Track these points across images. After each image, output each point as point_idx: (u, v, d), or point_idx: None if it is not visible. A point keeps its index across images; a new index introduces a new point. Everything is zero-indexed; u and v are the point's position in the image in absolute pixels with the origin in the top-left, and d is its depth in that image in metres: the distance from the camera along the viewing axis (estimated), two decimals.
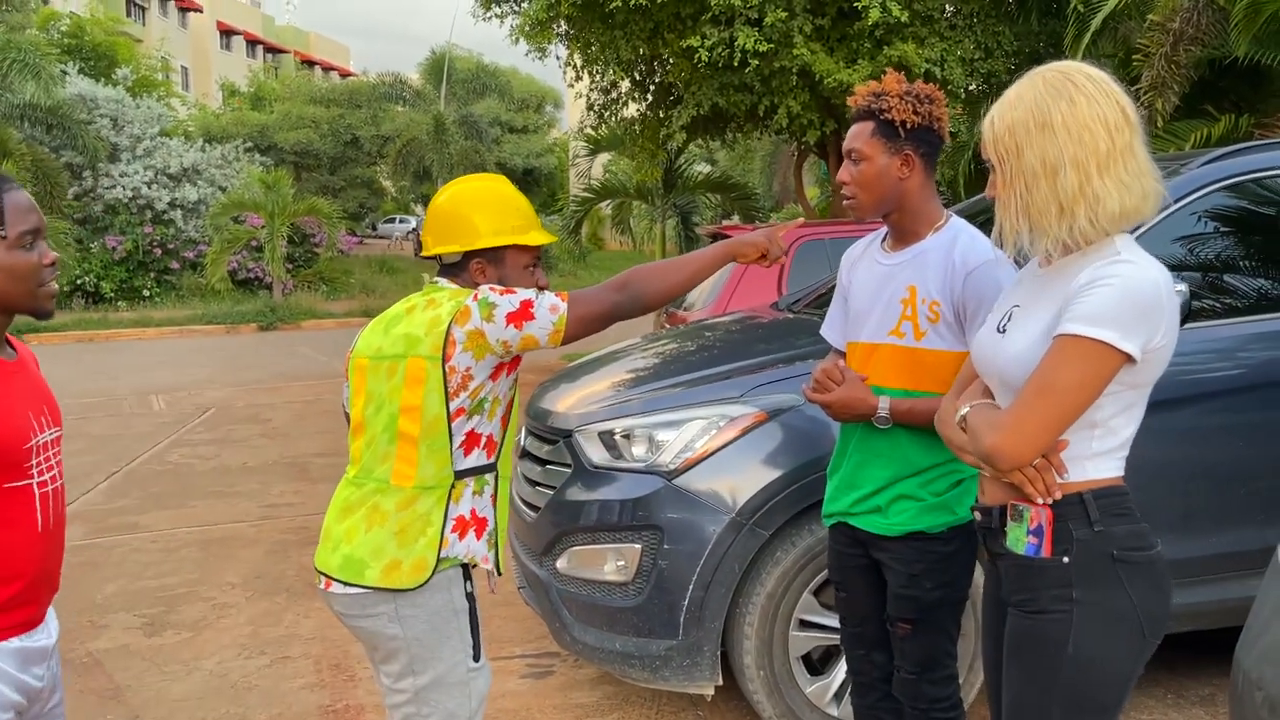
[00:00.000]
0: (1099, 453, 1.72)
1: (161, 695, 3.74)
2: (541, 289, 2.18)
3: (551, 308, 2.07)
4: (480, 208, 2.18)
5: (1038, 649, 1.75)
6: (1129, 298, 1.61)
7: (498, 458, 2.17)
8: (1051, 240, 1.70)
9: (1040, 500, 1.71)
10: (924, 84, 2.26)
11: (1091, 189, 1.65)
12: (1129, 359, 1.61)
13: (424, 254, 2.24)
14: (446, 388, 2.05)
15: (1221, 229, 3.44)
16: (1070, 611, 1.70)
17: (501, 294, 2.06)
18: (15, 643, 1.77)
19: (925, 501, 2.23)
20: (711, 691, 3.09)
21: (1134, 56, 7.43)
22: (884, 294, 2.30)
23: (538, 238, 2.21)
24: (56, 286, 1.86)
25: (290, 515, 6.06)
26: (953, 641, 2.33)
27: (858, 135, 2.26)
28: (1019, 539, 1.75)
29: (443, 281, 2.20)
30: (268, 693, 3.74)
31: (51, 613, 1.90)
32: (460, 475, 2.10)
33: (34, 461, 1.78)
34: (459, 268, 2.19)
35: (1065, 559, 1.71)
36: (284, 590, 4.80)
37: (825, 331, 2.57)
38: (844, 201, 2.31)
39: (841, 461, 2.39)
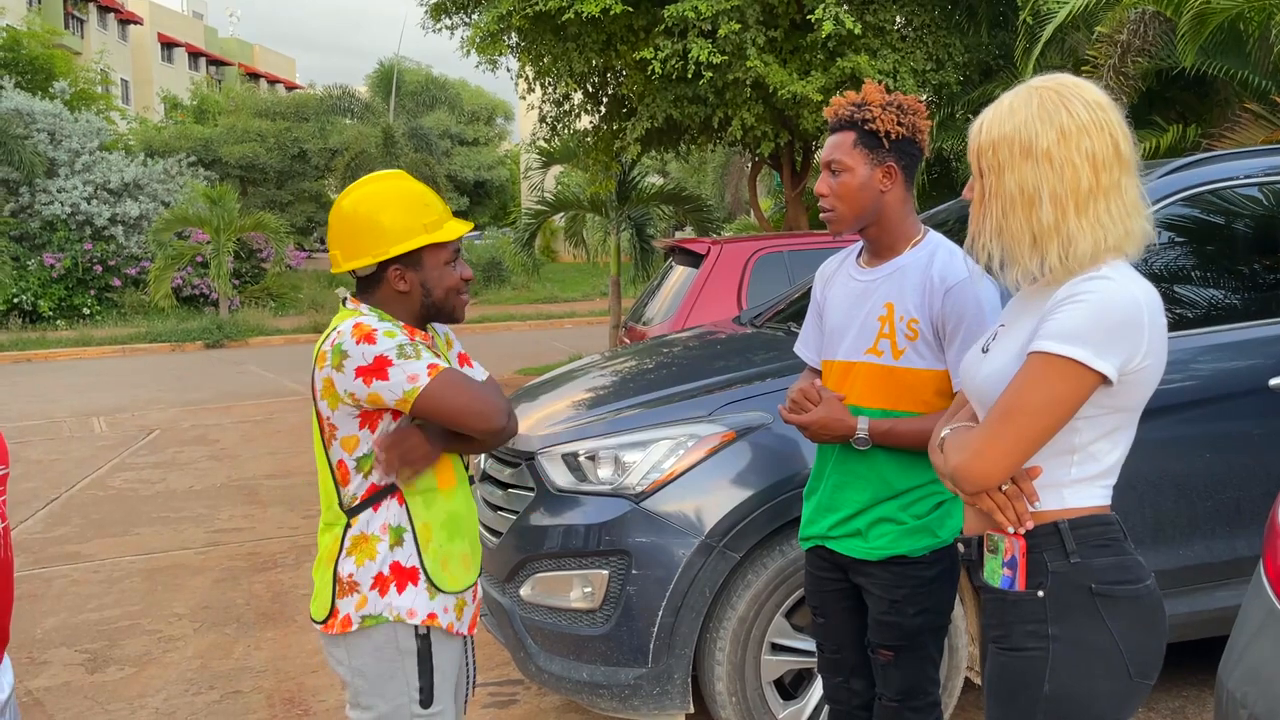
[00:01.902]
0: (1078, 480, 1.64)
1: None
2: (466, 280, 2.07)
3: (410, 376, 1.89)
4: (387, 209, 2.00)
5: (1013, 688, 1.66)
6: (1104, 315, 1.53)
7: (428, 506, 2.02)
8: (1021, 271, 1.64)
9: (1012, 530, 1.63)
10: (904, 95, 2.20)
11: (1067, 227, 1.58)
12: (1104, 380, 1.53)
13: (334, 270, 2.06)
14: (322, 433, 2.00)
15: (1180, 240, 3.45)
16: (1046, 649, 1.61)
17: (357, 341, 1.90)
18: None
19: (906, 525, 2.17)
20: (683, 719, 3.01)
21: (1082, 68, 7.51)
22: (860, 311, 2.23)
23: (452, 231, 2.03)
24: None
25: (239, 541, 5.87)
26: (936, 667, 2.27)
27: (839, 146, 2.18)
28: (994, 571, 1.68)
29: (348, 302, 2.07)
30: None
31: (7, 663, 1.75)
32: (354, 512, 1.99)
33: None
34: (374, 280, 2.03)
35: (1040, 592, 1.62)
36: (234, 620, 4.62)
37: (800, 349, 2.50)
38: (822, 214, 2.24)
39: (819, 484, 2.32)
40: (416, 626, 1.99)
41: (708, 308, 6.00)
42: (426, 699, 2.00)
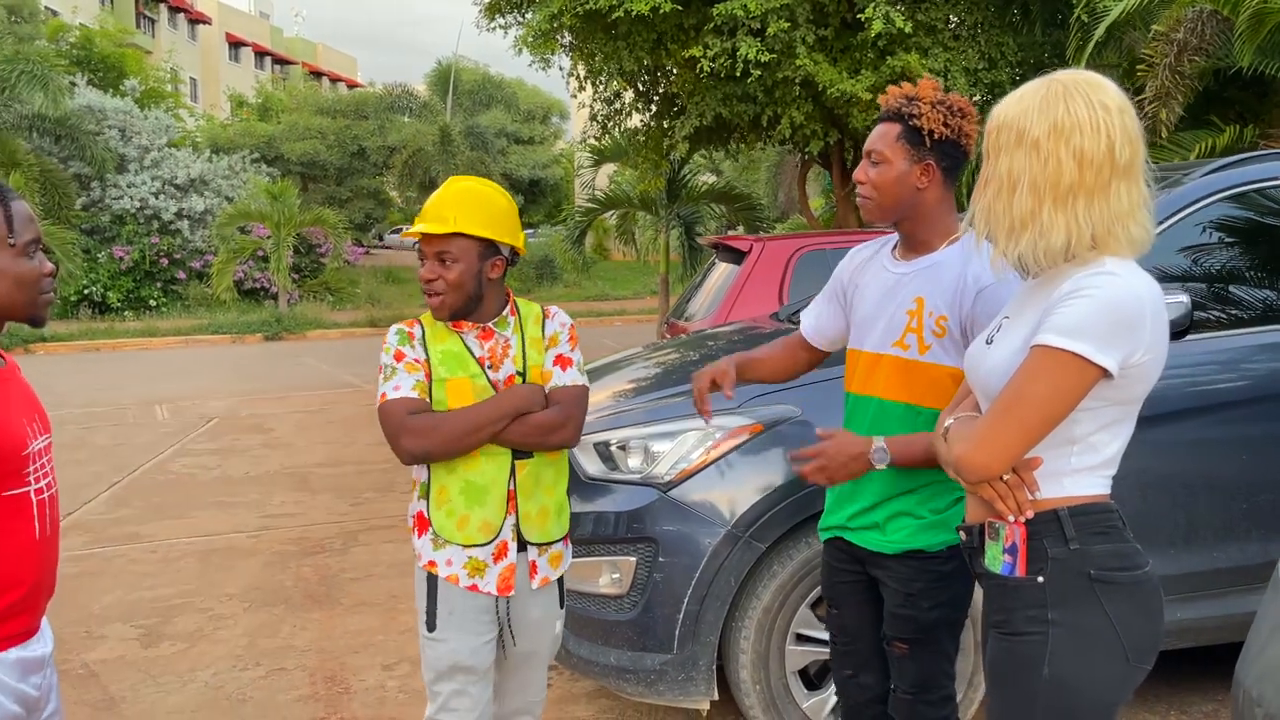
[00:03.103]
0: (1078, 469, 1.67)
1: (156, 707, 3.72)
2: (425, 280, 2.26)
3: (377, 395, 2.28)
4: None
5: (1014, 672, 1.70)
6: (1108, 310, 1.56)
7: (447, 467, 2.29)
8: (998, 254, 1.68)
9: (1012, 518, 1.67)
10: (958, 97, 2.18)
11: (1040, 220, 1.61)
12: (1105, 373, 1.56)
13: None
14: None
15: (1224, 239, 3.42)
16: (1045, 633, 1.65)
17: (383, 346, 2.32)
18: (14, 653, 1.76)
19: (924, 519, 2.19)
20: (707, 706, 3.07)
21: (1138, 67, 7.41)
22: (890, 303, 2.23)
23: (416, 227, 2.27)
24: (54, 295, 1.93)
25: (290, 526, 6.05)
26: (951, 661, 2.28)
27: (881, 137, 2.18)
28: (995, 557, 1.72)
29: None
30: (262, 705, 3.72)
31: (45, 621, 1.89)
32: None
33: (30, 469, 1.77)
34: None
35: (1040, 578, 1.66)
36: (282, 602, 4.78)
37: (803, 318, 2.53)
38: (858, 200, 2.25)
39: None
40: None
41: (749, 305, 6.01)
42: (430, 623, 2.31)
